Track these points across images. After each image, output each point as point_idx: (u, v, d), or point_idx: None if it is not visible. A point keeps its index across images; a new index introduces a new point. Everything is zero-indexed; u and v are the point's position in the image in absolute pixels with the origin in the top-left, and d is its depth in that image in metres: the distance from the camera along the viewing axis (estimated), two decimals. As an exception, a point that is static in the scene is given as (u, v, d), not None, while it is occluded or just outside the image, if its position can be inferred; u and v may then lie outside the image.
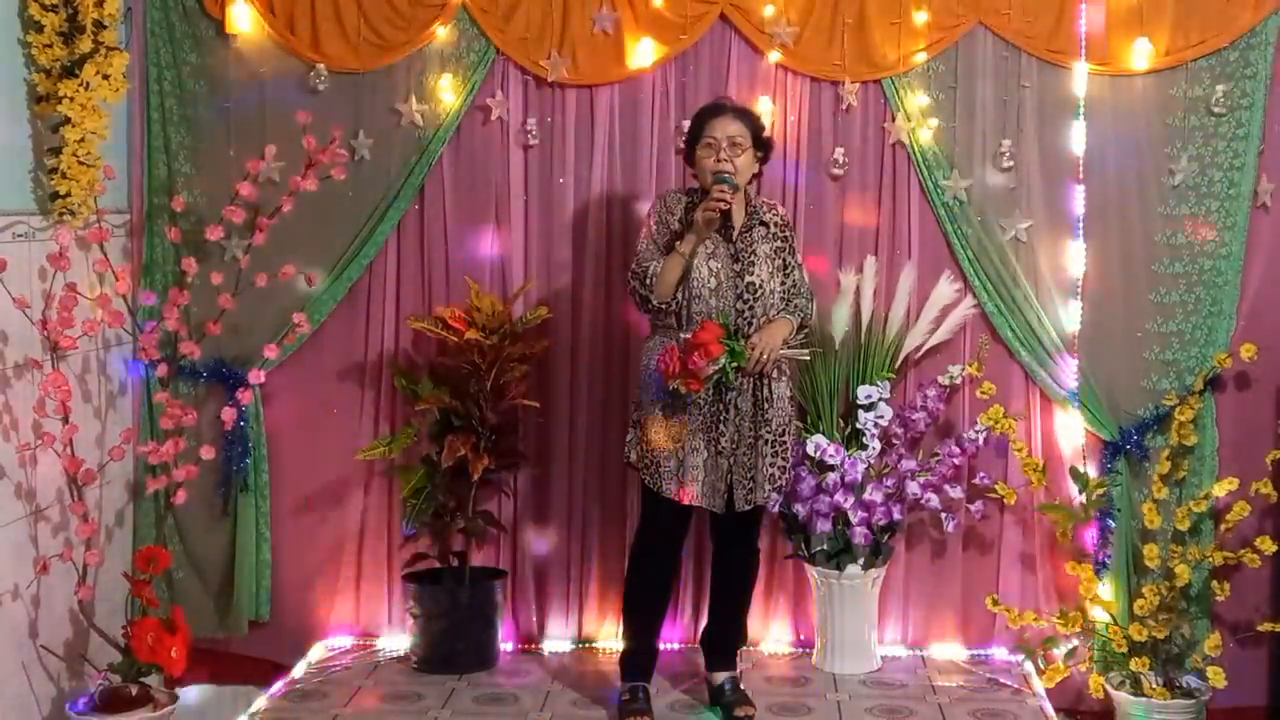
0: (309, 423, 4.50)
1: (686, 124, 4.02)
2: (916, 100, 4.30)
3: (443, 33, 4.36)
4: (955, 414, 4.40)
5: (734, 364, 3.58)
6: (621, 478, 4.38)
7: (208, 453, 4.14)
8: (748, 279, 3.71)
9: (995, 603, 4.29)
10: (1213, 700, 4.09)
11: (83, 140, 3.84)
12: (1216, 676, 4.02)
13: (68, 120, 3.81)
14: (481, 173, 4.44)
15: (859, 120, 4.37)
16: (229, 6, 4.34)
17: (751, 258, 3.74)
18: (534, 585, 4.54)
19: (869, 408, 4.25)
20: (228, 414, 4.17)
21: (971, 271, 4.33)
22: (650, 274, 3.68)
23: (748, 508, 3.78)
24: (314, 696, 4.11)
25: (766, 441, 3.77)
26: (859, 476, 4.19)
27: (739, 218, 3.78)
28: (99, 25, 3.87)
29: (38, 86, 3.82)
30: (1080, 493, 4.25)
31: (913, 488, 4.22)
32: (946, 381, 4.32)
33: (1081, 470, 4.27)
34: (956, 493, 4.30)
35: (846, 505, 4.15)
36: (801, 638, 4.50)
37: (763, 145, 3.82)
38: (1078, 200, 4.29)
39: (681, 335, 3.65)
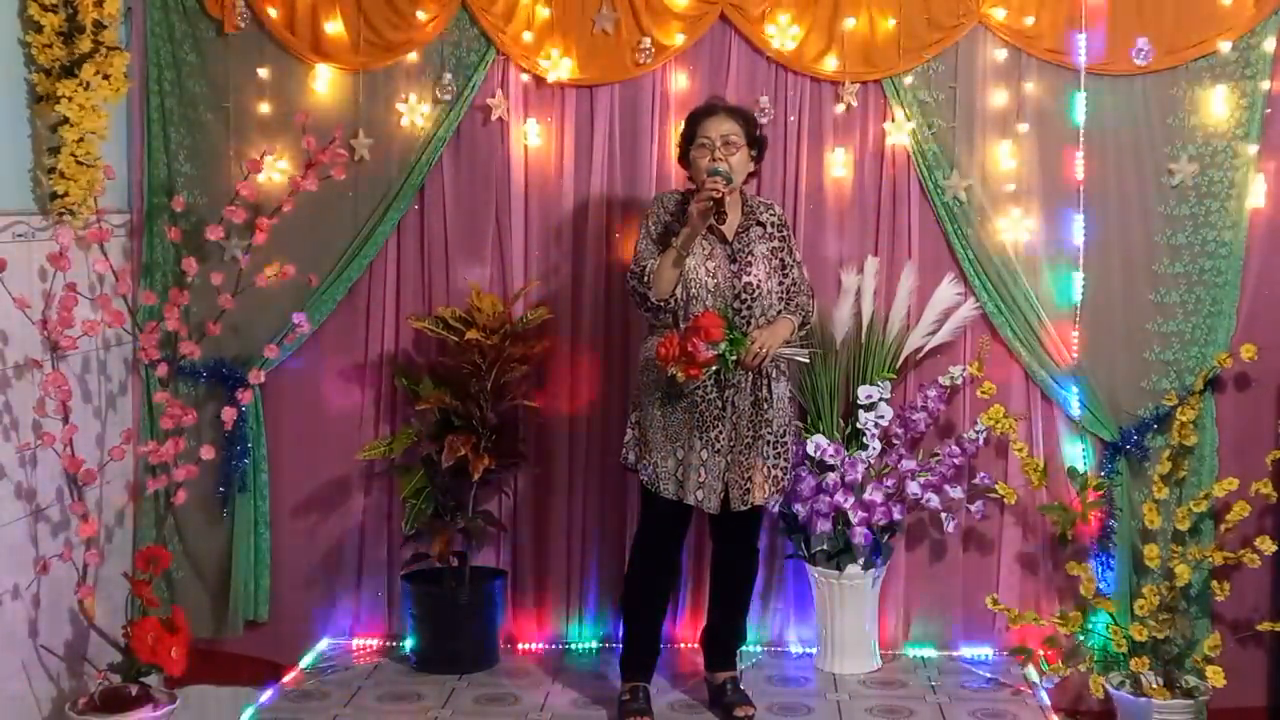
0: (309, 423, 4.50)
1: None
2: (917, 100, 4.31)
3: (443, 33, 4.36)
4: (955, 414, 4.40)
5: (732, 355, 3.58)
6: (621, 477, 4.37)
7: (208, 453, 4.14)
8: (745, 279, 3.71)
9: (995, 603, 4.29)
10: (1212, 700, 4.09)
11: (81, 140, 3.84)
12: (1216, 676, 4.02)
13: (66, 120, 3.81)
14: (481, 173, 4.44)
15: (859, 120, 4.37)
16: (229, 6, 4.34)
17: (749, 258, 3.74)
18: (534, 585, 4.54)
19: (869, 408, 4.25)
20: (228, 414, 4.17)
21: (971, 271, 4.33)
22: (648, 271, 3.69)
23: (744, 508, 3.78)
24: (314, 696, 4.11)
25: (767, 442, 3.77)
26: (859, 476, 4.19)
27: (735, 218, 3.78)
28: (99, 25, 3.87)
29: (37, 86, 3.82)
30: (1077, 492, 4.26)
31: (913, 488, 4.22)
32: (947, 382, 4.31)
33: (1079, 471, 4.28)
34: (956, 493, 4.30)
35: (846, 505, 4.15)
36: (801, 638, 4.50)
37: (757, 144, 3.83)
38: (1078, 200, 4.29)
39: (682, 325, 3.66)
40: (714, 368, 3.60)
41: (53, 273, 3.80)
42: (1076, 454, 4.33)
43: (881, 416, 4.26)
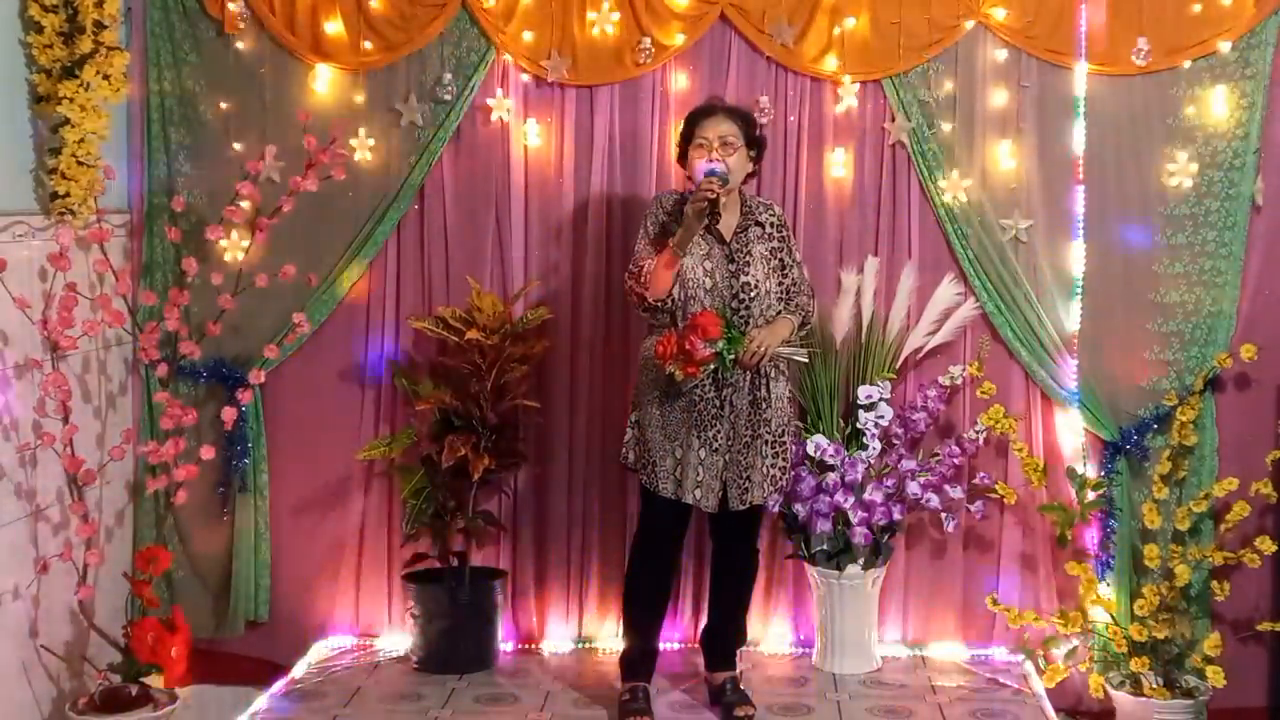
0: (309, 423, 4.50)
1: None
2: (917, 100, 4.31)
3: (443, 33, 4.36)
4: (955, 414, 4.40)
5: (730, 354, 3.58)
6: (621, 478, 4.38)
7: (208, 453, 4.14)
8: (743, 279, 3.71)
9: (995, 603, 4.29)
10: (1213, 700, 4.09)
11: (82, 141, 3.85)
12: (1216, 676, 4.02)
13: (67, 121, 3.81)
14: (481, 173, 4.44)
15: (859, 120, 4.37)
16: (229, 6, 4.34)
17: (747, 258, 3.74)
18: (534, 585, 4.54)
19: (869, 408, 4.25)
20: (228, 414, 4.17)
21: (971, 271, 4.33)
22: (645, 271, 3.69)
23: (742, 508, 3.78)
24: (314, 696, 4.11)
25: (766, 441, 3.77)
26: (859, 476, 4.19)
27: (734, 218, 3.78)
28: (99, 25, 3.87)
29: (38, 87, 3.82)
30: (1077, 492, 4.26)
31: (913, 488, 4.22)
32: (947, 382, 4.32)
33: (1079, 471, 4.28)
34: (956, 493, 4.30)
35: (846, 505, 4.15)
36: (801, 638, 4.50)
37: (756, 144, 3.83)
38: (1078, 200, 4.29)
39: (680, 325, 3.66)
40: (712, 366, 3.60)
41: (53, 273, 3.80)
42: (1076, 454, 4.33)
43: (881, 416, 4.26)
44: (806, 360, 3.89)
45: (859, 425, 4.26)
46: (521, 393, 4.31)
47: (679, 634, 4.46)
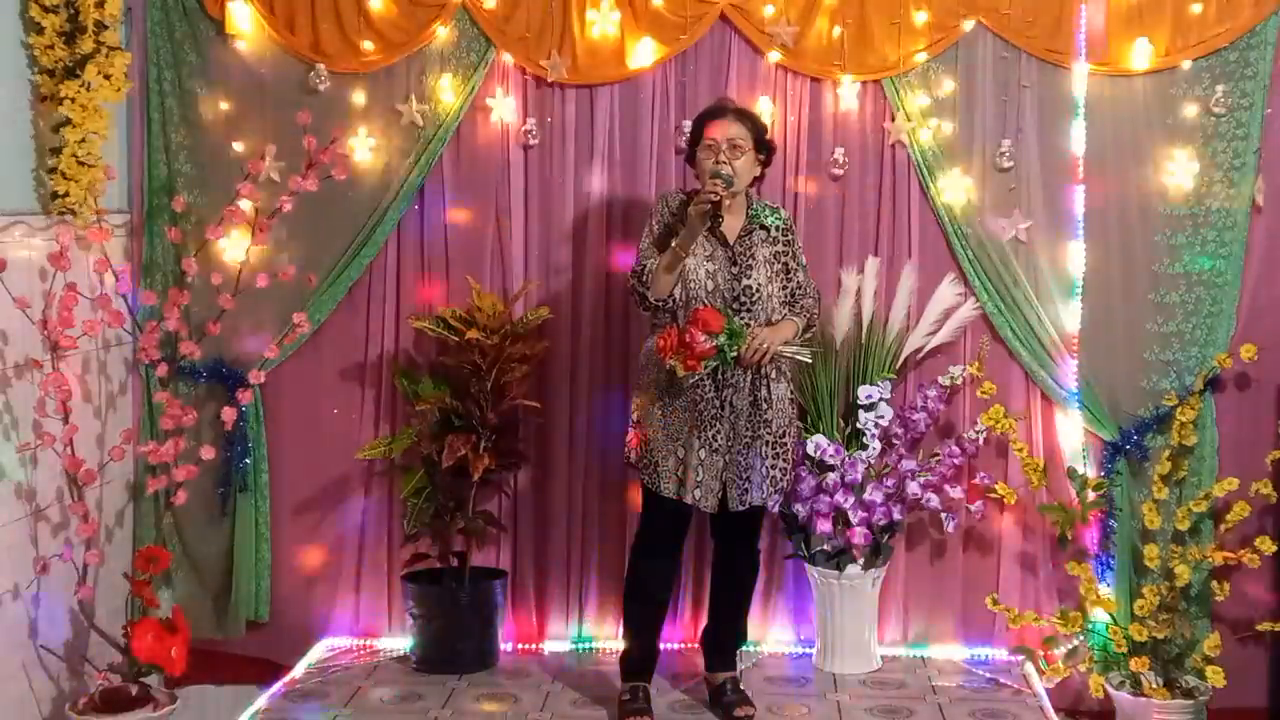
0: (309, 423, 4.51)
1: (687, 124, 4.04)
2: (916, 100, 4.31)
3: (443, 33, 4.36)
4: (955, 414, 4.40)
5: (732, 350, 3.58)
6: (621, 478, 4.38)
7: (208, 453, 4.14)
8: (745, 282, 3.71)
9: (995, 603, 4.29)
10: (1213, 700, 4.09)
11: (83, 141, 3.85)
12: (1216, 676, 4.02)
13: (69, 121, 3.81)
14: (481, 173, 4.44)
15: (859, 120, 4.37)
16: (229, 6, 4.35)
17: (750, 261, 3.74)
18: (534, 585, 4.54)
19: (869, 408, 4.25)
20: (228, 414, 4.17)
21: (971, 271, 4.33)
22: (648, 271, 3.69)
23: (742, 508, 3.78)
24: (314, 696, 4.11)
25: (766, 442, 3.77)
26: (859, 476, 4.19)
27: (738, 220, 3.78)
28: (100, 26, 3.88)
29: (41, 87, 3.82)
30: (1077, 492, 4.26)
31: (913, 488, 4.22)
32: (947, 382, 4.32)
33: (1079, 471, 4.28)
34: (956, 493, 4.30)
35: (846, 505, 4.15)
36: (801, 638, 4.50)
37: (765, 148, 3.82)
38: (1078, 200, 4.29)
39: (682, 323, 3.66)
40: (714, 362, 3.59)
41: (53, 273, 3.80)
42: (1076, 454, 4.33)
43: (881, 416, 4.26)
44: (810, 361, 3.89)
45: (859, 425, 4.26)
46: (521, 393, 4.31)
47: (679, 634, 4.46)
